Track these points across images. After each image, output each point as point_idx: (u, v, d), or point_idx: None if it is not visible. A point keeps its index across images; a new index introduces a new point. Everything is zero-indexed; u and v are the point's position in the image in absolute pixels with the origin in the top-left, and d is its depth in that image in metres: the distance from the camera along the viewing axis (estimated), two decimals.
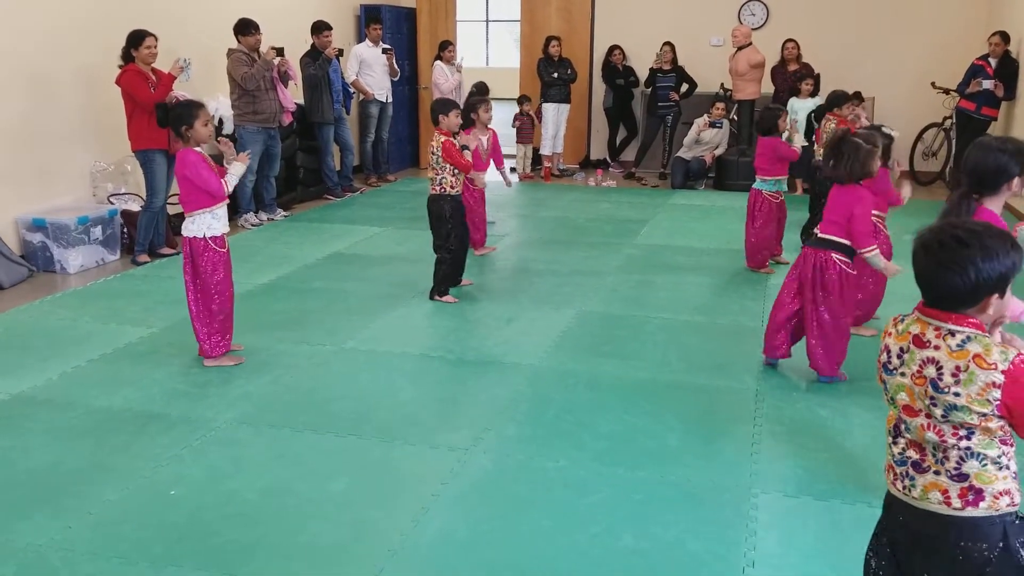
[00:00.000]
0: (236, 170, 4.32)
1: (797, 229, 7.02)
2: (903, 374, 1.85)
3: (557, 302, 5.46)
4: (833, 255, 4.09)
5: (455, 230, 5.41)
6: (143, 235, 6.41)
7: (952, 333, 1.77)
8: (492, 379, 4.27)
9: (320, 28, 8.44)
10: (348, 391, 4.12)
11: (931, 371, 1.78)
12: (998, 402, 1.72)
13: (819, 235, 4.16)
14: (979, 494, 1.80)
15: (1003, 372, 1.71)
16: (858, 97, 9.01)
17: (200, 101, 4.47)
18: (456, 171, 5.32)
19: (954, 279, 1.74)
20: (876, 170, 4.03)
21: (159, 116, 4.40)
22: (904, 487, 1.90)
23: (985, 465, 1.79)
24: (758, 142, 6.23)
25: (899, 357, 1.86)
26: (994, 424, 1.75)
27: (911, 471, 1.88)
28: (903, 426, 1.89)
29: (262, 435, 3.64)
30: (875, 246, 4.00)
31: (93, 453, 3.46)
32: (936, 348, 1.78)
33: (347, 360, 4.50)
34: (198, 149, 4.21)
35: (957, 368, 1.74)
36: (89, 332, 4.87)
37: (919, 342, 1.82)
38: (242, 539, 2.88)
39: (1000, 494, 1.80)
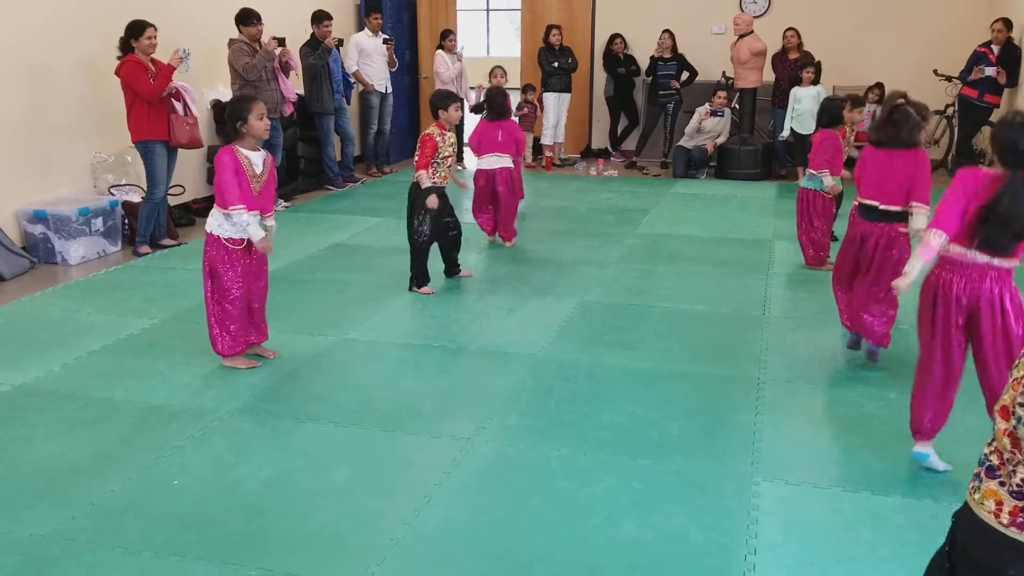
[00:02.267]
0: (253, 231, 4.03)
1: (787, 218, 6.98)
2: (1018, 366, 1.70)
3: (559, 292, 5.45)
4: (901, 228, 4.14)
5: (428, 220, 5.35)
6: (144, 226, 6.41)
7: None
8: (494, 369, 4.27)
9: (320, 18, 8.41)
10: (350, 381, 4.12)
11: None
12: None
13: (880, 208, 4.16)
14: None
15: None
16: (879, 87, 8.99)
17: (255, 96, 4.34)
18: (437, 167, 5.27)
19: None
20: (921, 141, 3.99)
21: (216, 115, 4.25)
22: (972, 488, 1.79)
23: None
24: (817, 135, 5.79)
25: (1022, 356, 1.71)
26: None
27: (983, 474, 1.77)
28: (993, 427, 1.76)
29: (264, 425, 3.64)
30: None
31: (95, 444, 3.47)
32: None
33: (349, 350, 4.50)
34: (244, 152, 4.01)
35: None
36: (91, 324, 4.87)
37: None
38: (244, 529, 2.88)
39: None
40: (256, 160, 4.07)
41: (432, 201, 5.24)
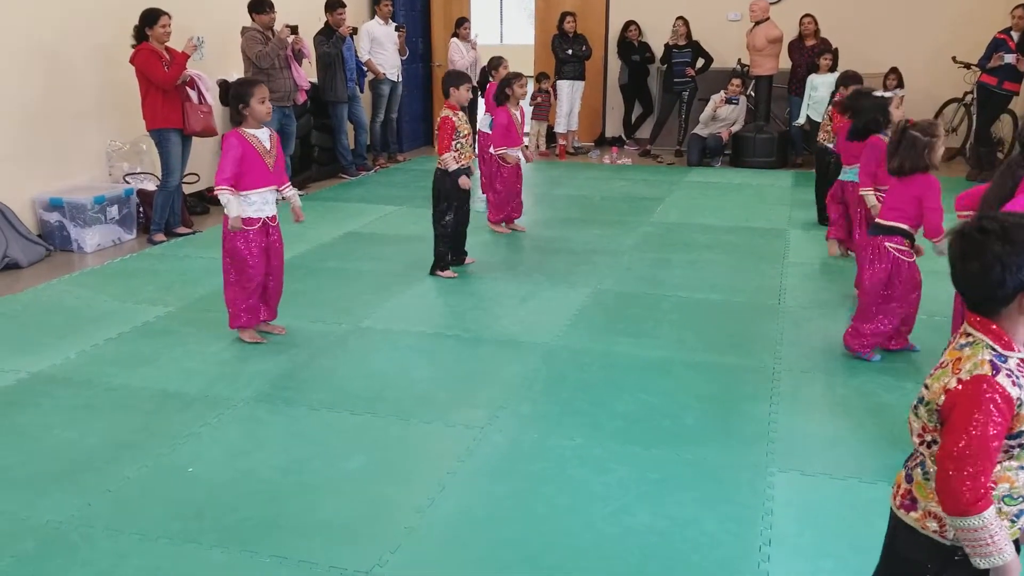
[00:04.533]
0: (232, 208, 4.14)
1: (803, 207, 6.97)
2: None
3: (572, 280, 5.44)
4: (887, 243, 4.04)
5: (452, 208, 5.39)
6: (159, 214, 6.43)
7: (966, 334, 1.67)
8: (507, 358, 4.26)
9: (334, 6, 8.39)
10: (364, 370, 4.12)
11: None
12: (939, 409, 1.65)
13: (879, 222, 4.12)
14: (913, 503, 1.77)
15: (958, 380, 1.61)
16: (895, 72, 8.91)
17: (257, 79, 4.47)
18: (460, 148, 5.30)
19: (972, 269, 1.61)
20: (936, 162, 3.93)
21: (221, 95, 4.39)
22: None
23: (928, 480, 1.73)
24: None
25: None
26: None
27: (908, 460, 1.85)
28: None
29: (279, 413, 3.65)
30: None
31: (111, 431, 3.49)
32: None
33: (363, 339, 4.51)
34: (249, 131, 4.19)
35: (942, 363, 1.69)
36: (106, 311, 4.89)
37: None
38: (259, 516, 2.89)
39: (928, 516, 1.74)
40: (263, 136, 4.27)
41: (464, 182, 5.33)
